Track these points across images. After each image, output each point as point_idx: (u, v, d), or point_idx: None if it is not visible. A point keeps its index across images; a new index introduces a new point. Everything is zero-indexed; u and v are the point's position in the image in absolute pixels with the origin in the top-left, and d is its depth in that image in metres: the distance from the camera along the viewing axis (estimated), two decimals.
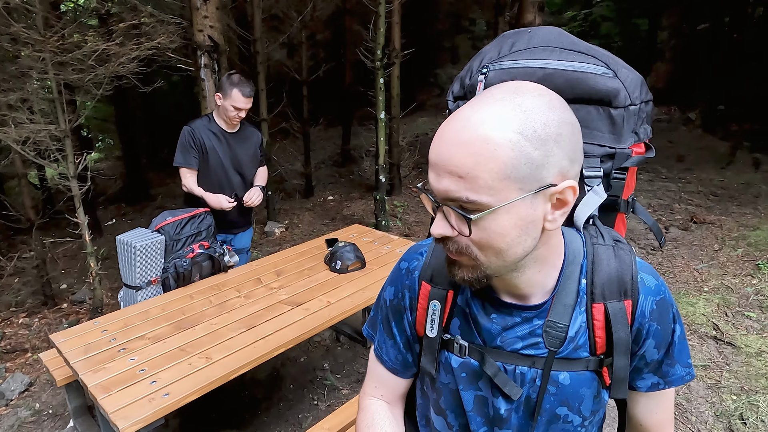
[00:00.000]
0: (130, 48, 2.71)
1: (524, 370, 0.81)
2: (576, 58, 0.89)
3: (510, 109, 0.64)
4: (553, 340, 0.79)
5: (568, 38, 0.93)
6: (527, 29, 0.97)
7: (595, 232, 0.84)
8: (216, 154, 2.84)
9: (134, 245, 2.32)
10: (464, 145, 0.64)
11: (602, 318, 0.78)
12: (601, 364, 0.80)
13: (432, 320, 0.86)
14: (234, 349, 2.01)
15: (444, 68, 11.61)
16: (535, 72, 0.90)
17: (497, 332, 0.82)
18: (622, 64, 0.89)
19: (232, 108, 2.72)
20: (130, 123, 9.12)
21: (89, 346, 2.03)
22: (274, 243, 5.48)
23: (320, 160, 8.46)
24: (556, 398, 0.81)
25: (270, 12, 6.07)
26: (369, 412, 0.98)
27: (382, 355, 0.97)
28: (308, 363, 3.23)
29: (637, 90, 0.88)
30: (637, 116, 0.89)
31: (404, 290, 0.92)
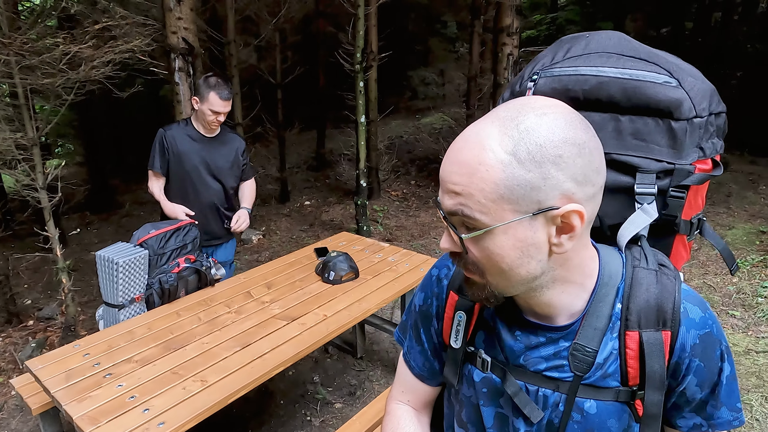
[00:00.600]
0: (105, 51, 2.55)
1: (548, 393, 0.77)
2: (635, 65, 0.82)
3: (508, 129, 0.63)
4: (579, 364, 0.74)
5: (630, 44, 0.86)
6: (585, 34, 0.90)
7: (638, 253, 0.78)
8: (192, 160, 2.72)
9: (116, 261, 2.18)
10: (461, 164, 0.65)
11: (636, 347, 0.73)
12: (633, 397, 0.74)
13: (457, 331, 0.84)
14: (230, 370, 1.90)
15: (416, 71, 11.62)
16: (588, 80, 0.83)
17: (520, 351, 0.78)
18: (690, 72, 0.82)
19: (209, 112, 2.61)
20: (94, 128, 8.77)
21: (71, 372, 1.88)
22: (252, 251, 5.33)
23: (295, 165, 8.32)
24: (580, 426, 0.76)
25: (243, 14, 5.91)
26: (395, 417, 0.98)
27: (410, 361, 0.97)
28: (297, 377, 3.12)
29: (704, 101, 0.81)
30: (703, 129, 0.81)
31: (433, 297, 0.91)
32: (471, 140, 0.65)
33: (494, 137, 0.63)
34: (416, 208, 6.14)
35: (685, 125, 0.80)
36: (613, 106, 0.82)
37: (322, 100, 8.18)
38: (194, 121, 2.74)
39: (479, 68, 6.89)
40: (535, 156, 0.62)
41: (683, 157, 0.81)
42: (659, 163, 0.82)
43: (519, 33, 5.13)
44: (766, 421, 2.46)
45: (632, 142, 0.82)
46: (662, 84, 0.80)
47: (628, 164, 0.82)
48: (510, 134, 0.63)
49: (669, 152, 0.82)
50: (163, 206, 2.70)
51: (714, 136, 0.84)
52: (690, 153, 0.81)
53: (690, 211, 0.85)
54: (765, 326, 3.16)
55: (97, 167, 8.76)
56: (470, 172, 0.64)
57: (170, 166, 2.71)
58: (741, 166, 6.18)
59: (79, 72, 2.62)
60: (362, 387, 3.00)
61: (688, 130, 0.80)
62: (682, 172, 0.81)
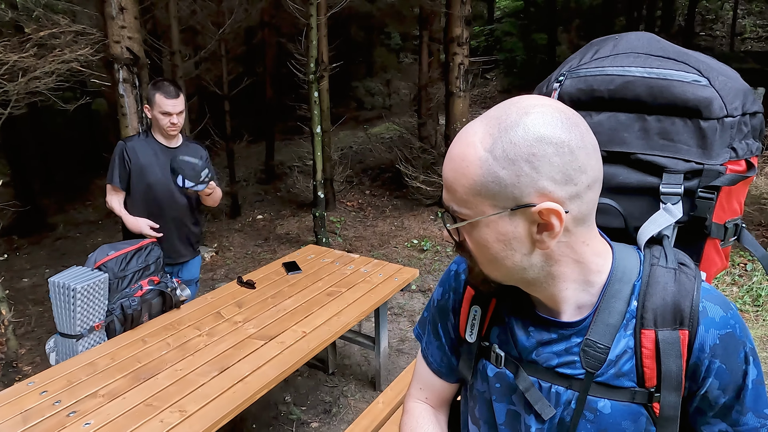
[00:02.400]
0: (49, 61, 2.35)
1: (560, 390, 0.76)
2: (662, 65, 0.81)
3: (491, 127, 0.66)
4: (591, 361, 0.73)
5: (659, 44, 0.85)
6: (615, 36, 0.89)
7: (659, 252, 0.76)
8: (155, 173, 2.56)
9: (73, 287, 1.99)
10: (450, 160, 0.69)
11: (652, 346, 0.71)
12: (650, 399, 0.73)
13: (472, 325, 0.85)
14: (210, 396, 1.78)
15: (362, 81, 11.66)
16: (614, 80, 0.82)
17: (533, 346, 0.78)
18: (721, 71, 0.81)
19: (161, 115, 2.49)
20: (19, 145, 8.15)
21: (28, 413, 1.70)
22: (206, 269, 5.10)
23: (244, 178, 8.09)
24: (593, 426, 0.75)
25: (186, 24, 5.70)
26: (413, 415, 0.97)
27: (428, 356, 0.97)
28: (267, 397, 2.96)
29: (737, 100, 0.80)
30: (735, 129, 0.80)
31: (450, 292, 0.91)
32: (461, 137, 0.69)
33: (478, 135, 0.66)
34: (373, 217, 6.11)
35: (715, 124, 0.78)
36: (639, 105, 0.81)
37: (269, 111, 8.03)
38: (154, 133, 2.60)
39: (428, 77, 6.99)
40: (509, 154, 0.64)
41: (713, 158, 0.79)
42: (687, 163, 0.80)
43: (468, 43, 5.25)
44: None
45: (659, 142, 0.81)
46: (691, 83, 0.79)
47: (654, 164, 0.81)
48: (491, 132, 0.66)
49: (698, 152, 0.80)
50: (125, 221, 2.52)
51: (749, 137, 0.82)
52: (721, 153, 0.80)
53: (723, 214, 0.83)
54: None
55: (24, 187, 8.15)
56: (455, 167, 0.68)
57: (131, 180, 2.54)
58: None
59: (19, 83, 2.40)
60: (337, 403, 2.91)
61: (718, 129, 0.79)
62: (711, 173, 0.79)
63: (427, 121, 6.72)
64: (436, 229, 5.48)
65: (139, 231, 2.51)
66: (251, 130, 8.53)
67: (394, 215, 6.03)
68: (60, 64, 2.48)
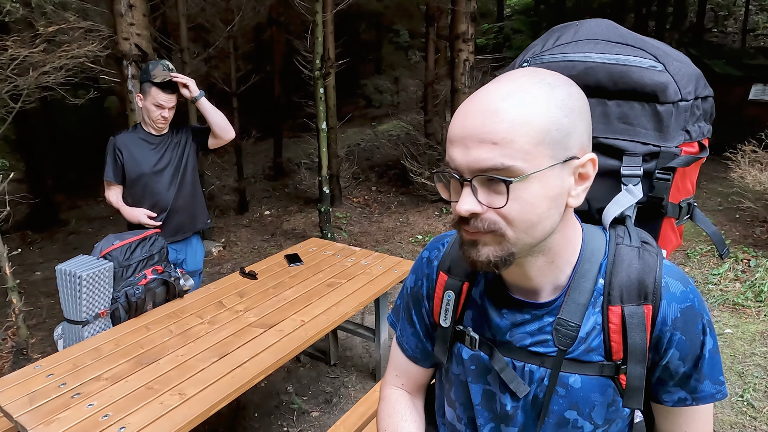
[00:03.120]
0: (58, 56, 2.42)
1: (533, 368, 0.79)
2: (621, 51, 0.85)
3: (535, 81, 0.66)
4: (562, 339, 0.76)
5: (617, 30, 0.88)
6: (576, 22, 0.93)
7: (623, 232, 0.80)
8: (149, 163, 2.63)
9: (79, 275, 2.06)
10: (497, 112, 0.64)
11: (618, 321, 0.75)
12: (617, 371, 0.76)
13: (446, 310, 0.86)
14: (209, 381, 1.83)
15: (370, 79, 11.70)
16: (576, 66, 0.86)
17: (506, 327, 0.80)
18: (675, 57, 0.85)
19: (153, 107, 2.54)
20: (32, 141, 8.29)
21: (34, 394, 1.76)
22: (213, 263, 5.18)
23: (252, 174, 8.16)
24: (565, 401, 0.78)
25: (195, 21, 5.78)
26: (390, 401, 0.99)
27: (403, 343, 0.98)
28: (270, 387, 3.04)
29: (690, 85, 0.84)
30: (689, 113, 0.84)
31: (423, 279, 0.92)
32: (502, 91, 0.66)
33: (527, 86, 0.65)
34: (379, 213, 6.15)
35: (670, 108, 0.82)
36: (600, 90, 0.85)
37: (277, 108, 8.09)
38: (143, 124, 2.66)
39: (435, 75, 7.01)
40: (567, 104, 0.66)
41: (669, 140, 0.83)
42: (645, 146, 0.84)
43: (474, 39, 5.26)
44: (726, 400, 2.60)
45: (619, 126, 0.85)
46: (648, 68, 0.82)
47: (615, 147, 0.85)
48: (540, 84, 0.66)
49: (655, 135, 0.84)
50: (123, 213, 2.59)
51: (701, 120, 0.87)
52: (676, 136, 0.84)
53: (678, 194, 0.87)
54: (717, 311, 3.35)
55: (37, 183, 8.29)
56: (510, 117, 0.64)
57: (126, 173, 2.60)
58: None
59: (28, 78, 2.47)
60: (338, 394, 2.96)
61: (673, 113, 0.83)
62: (667, 155, 0.83)
63: (433, 118, 6.73)
64: (441, 225, 5.51)
65: (137, 221, 2.57)
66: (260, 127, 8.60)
67: (400, 211, 6.06)
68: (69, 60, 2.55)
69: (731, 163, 4.27)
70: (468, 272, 0.85)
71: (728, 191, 4.71)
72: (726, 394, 0.79)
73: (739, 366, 2.81)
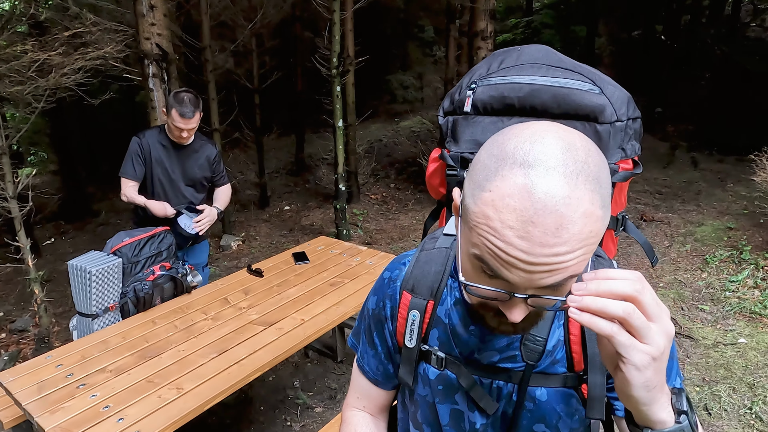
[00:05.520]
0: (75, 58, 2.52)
1: (501, 384, 0.80)
2: (562, 75, 0.91)
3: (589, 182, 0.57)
4: (530, 354, 0.77)
5: (556, 56, 0.94)
6: (517, 48, 0.98)
7: None
8: (163, 166, 2.73)
9: (89, 270, 2.15)
10: (570, 242, 0.57)
11: (578, 333, 0.77)
12: (579, 381, 0.78)
13: (411, 330, 0.85)
14: (206, 376, 1.90)
15: (394, 75, 11.68)
16: (522, 87, 0.91)
17: (474, 344, 0.81)
18: (609, 81, 0.91)
19: (173, 127, 2.61)
20: (67, 135, 8.61)
21: (43, 384, 1.86)
22: (232, 257, 5.30)
23: (274, 170, 8.28)
24: (533, 415, 0.80)
25: (218, 19, 5.88)
26: (351, 424, 0.98)
27: (364, 366, 0.97)
28: (277, 382, 3.11)
29: (624, 107, 0.89)
30: (624, 132, 0.90)
31: (385, 299, 0.90)
32: (569, 215, 0.56)
33: (586, 199, 0.57)
34: (396, 211, 6.17)
35: (608, 128, 0.88)
36: (545, 111, 0.91)
37: (300, 104, 8.18)
38: (168, 132, 2.74)
39: (456, 72, 6.96)
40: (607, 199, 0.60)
41: (608, 157, 0.89)
42: None
43: (493, 37, 5.21)
44: (734, 412, 2.54)
45: None
46: (587, 91, 0.89)
47: None
48: (593, 187, 0.57)
49: None
50: (150, 207, 2.64)
51: (632, 139, 0.92)
52: (614, 154, 0.90)
53: (616, 207, 0.92)
54: (733, 319, 3.26)
55: (71, 175, 8.62)
56: (584, 246, 0.58)
57: (145, 173, 2.70)
58: (710, 165, 6.35)
59: (49, 79, 2.58)
60: (343, 390, 3.00)
61: (611, 132, 0.88)
62: None
63: None
64: None
65: (164, 213, 2.66)
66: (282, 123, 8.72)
67: (416, 209, 6.07)
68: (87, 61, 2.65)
69: (756, 166, 4.13)
70: (432, 291, 0.85)
71: (753, 195, 4.55)
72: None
73: (750, 377, 2.74)
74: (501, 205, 0.57)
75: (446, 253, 0.86)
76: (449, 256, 0.86)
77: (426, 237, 0.93)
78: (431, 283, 0.84)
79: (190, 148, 2.78)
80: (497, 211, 0.58)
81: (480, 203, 0.60)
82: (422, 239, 1.03)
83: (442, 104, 1.04)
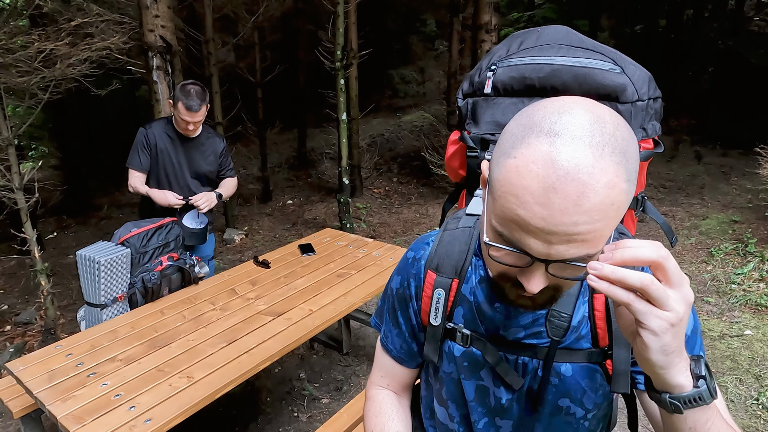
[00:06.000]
0: (81, 49, 2.51)
1: (526, 360, 0.81)
2: (583, 55, 0.91)
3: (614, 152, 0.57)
4: (555, 330, 0.77)
5: (576, 36, 0.95)
6: (536, 29, 0.99)
7: None
8: (169, 158, 2.72)
9: (98, 260, 2.15)
10: (589, 212, 0.56)
11: (603, 309, 0.77)
12: (604, 356, 0.79)
13: (436, 308, 0.86)
14: (216, 365, 1.90)
15: (396, 69, 11.64)
16: (543, 68, 0.91)
17: (500, 321, 0.81)
18: (630, 61, 0.91)
19: (180, 119, 2.61)
20: (68, 129, 8.59)
21: (53, 373, 1.86)
22: (235, 251, 5.30)
23: (276, 164, 8.27)
24: (558, 390, 0.80)
25: (221, 12, 5.86)
26: (376, 401, 0.99)
27: (388, 344, 0.98)
28: (283, 373, 3.12)
29: (644, 86, 0.90)
30: (645, 112, 0.90)
31: (410, 279, 0.91)
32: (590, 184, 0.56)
33: (611, 171, 0.56)
34: (399, 204, 6.17)
35: (630, 107, 0.89)
36: (566, 91, 0.90)
37: (302, 98, 8.16)
38: (174, 123, 2.73)
39: (459, 65, 6.95)
40: (633, 174, 0.59)
41: None
42: None
43: (497, 30, 5.19)
44: (740, 403, 2.54)
45: None
46: (608, 71, 0.89)
47: None
48: (618, 161, 0.57)
49: None
50: (152, 196, 2.65)
51: (653, 119, 0.94)
52: (635, 133, 0.89)
53: (636, 187, 0.92)
54: (738, 311, 3.26)
55: (73, 169, 8.60)
56: (605, 216, 0.57)
57: (150, 164, 2.70)
58: (713, 159, 6.34)
59: (55, 70, 2.57)
60: (349, 382, 3.01)
61: (632, 112, 0.89)
62: None
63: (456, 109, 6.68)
64: None
65: (166, 202, 2.66)
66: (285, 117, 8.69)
67: (419, 203, 6.07)
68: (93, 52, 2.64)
69: (761, 159, 4.13)
70: (457, 269, 0.86)
71: (758, 188, 4.55)
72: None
73: (756, 369, 2.74)
74: (524, 171, 0.57)
75: (470, 232, 0.87)
76: (473, 235, 0.86)
77: (449, 218, 0.93)
78: (455, 261, 0.85)
79: (197, 140, 2.78)
80: (520, 177, 0.57)
81: (504, 170, 0.60)
82: (441, 222, 1.04)
83: (461, 86, 1.04)
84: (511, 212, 0.59)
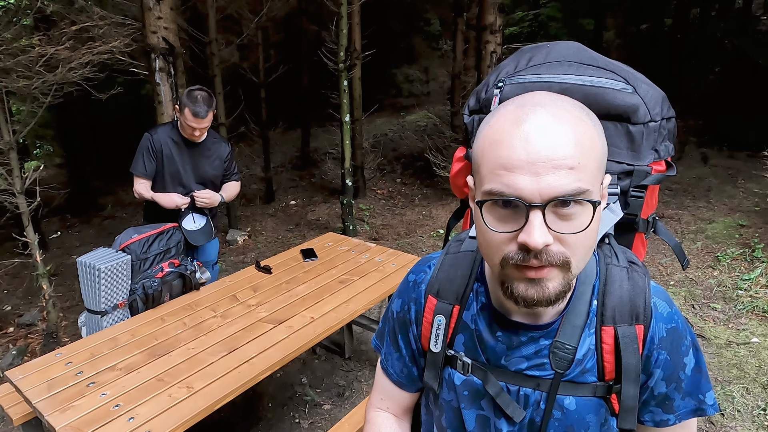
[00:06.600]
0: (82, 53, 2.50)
1: (528, 391, 0.78)
2: (594, 73, 0.88)
3: (577, 105, 0.65)
4: (560, 362, 0.75)
5: (587, 53, 0.92)
6: (546, 44, 0.96)
7: (609, 251, 0.81)
8: (174, 163, 2.71)
9: (98, 267, 2.14)
10: (567, 136, 0.61)
11: (611, 342, 0.75)
12: (609, 391, 0.76)
13: (436, 335, 0.84)
14: (216, 375, 1.88)
15: (400, 69, 11.61)
16: (551, 87, 0.89)
17: (502, 351, 0.79)
18: (643, 80, 0.89)
19: (186, 125, 2.59)
20: (72, 129, 8.61)
21: (53, 382, 1.85)
22: (238, 252, 5.29)
23: (279, 164, 8.26)
24: (560, 423, 0.78)
25: (224, 12, 5.84)
26: (375, 424, 0.97)
27: (388, 368, 0.96)
28: (285, 379, 3.10)
29: (657, 106, 0.88)
30: (657, 133, 0.88)
31: (410, 303, 0.89)
32: (561, 115, 0.62)
33: (575, 110, 0.64)
34: (402, 206, 6.15)
35: (641, 129, 0.87)
36: None
37: (306, 98, 8.13)
38: (180, 128, 2.72)
39: (463, 66, 6.90)
40: (599, 127, 0.66)
41: (641, 159, 0.88)
42: (620, 165, 0.88)
43: (502, 30, 5.15)
44: (747, 412, 2.51)
45: None
46: (620, 90, 0.87)
47: None
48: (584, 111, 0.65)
49: (628, 154, 0.89)
50: (158, 200, 2.65)
51: (666, 140, 0.91)
52: (647, 155, 0.89)
53: (647, 210, 0.92)
54: (745, 318, 3.23)
55: (77, 169, 8.62)
56: (581, 141, 0.61)
57: (156, 169, 2.68)
58: (720, 161, 6.28)
59: (56, 74, 2.56)
60: (351, 387, 2.99)
61: (644, 133, 0.87)
62: (640, 173, 0.88)
63: (460, 110, 6.64)
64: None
65: (173, 205, 2.65)
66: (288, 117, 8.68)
67: (423, 204, 6.04)
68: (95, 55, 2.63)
69: None
70: (458, 295, 0.83)
71: (765, 192, 4.50)
72: (710, 412, 0.79)
73: (763, 378, 2.71)
74: (497, 126, 0.64)
75: (472, 256, 0.84)
76: (475, 260, 0.84)
77: (451, 239, 0.91)
78: (457, 287, 0.83)
79: (202, 146, 2.76)
80: (495, 131, 0.64)
81: (481, 137, 0.66)
82: (445, 237, 1.02)
83: (468, 102, 1.02)
84: (494, 160, 0.63)
